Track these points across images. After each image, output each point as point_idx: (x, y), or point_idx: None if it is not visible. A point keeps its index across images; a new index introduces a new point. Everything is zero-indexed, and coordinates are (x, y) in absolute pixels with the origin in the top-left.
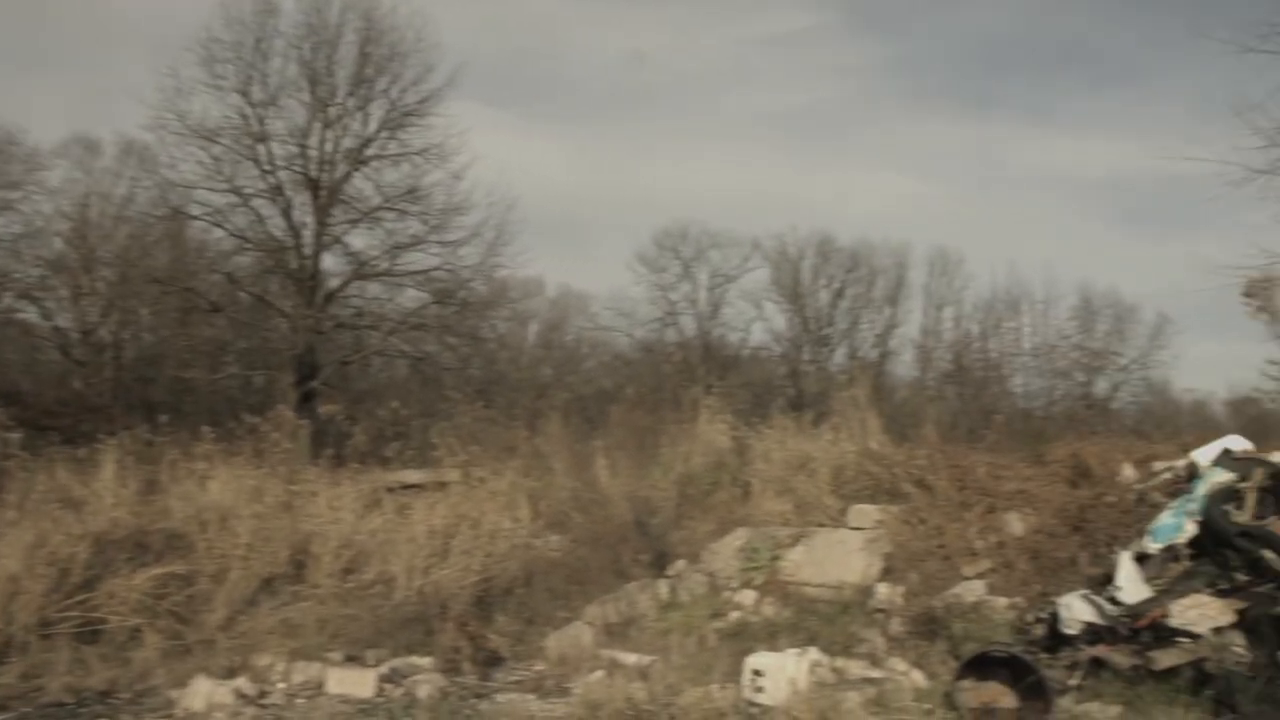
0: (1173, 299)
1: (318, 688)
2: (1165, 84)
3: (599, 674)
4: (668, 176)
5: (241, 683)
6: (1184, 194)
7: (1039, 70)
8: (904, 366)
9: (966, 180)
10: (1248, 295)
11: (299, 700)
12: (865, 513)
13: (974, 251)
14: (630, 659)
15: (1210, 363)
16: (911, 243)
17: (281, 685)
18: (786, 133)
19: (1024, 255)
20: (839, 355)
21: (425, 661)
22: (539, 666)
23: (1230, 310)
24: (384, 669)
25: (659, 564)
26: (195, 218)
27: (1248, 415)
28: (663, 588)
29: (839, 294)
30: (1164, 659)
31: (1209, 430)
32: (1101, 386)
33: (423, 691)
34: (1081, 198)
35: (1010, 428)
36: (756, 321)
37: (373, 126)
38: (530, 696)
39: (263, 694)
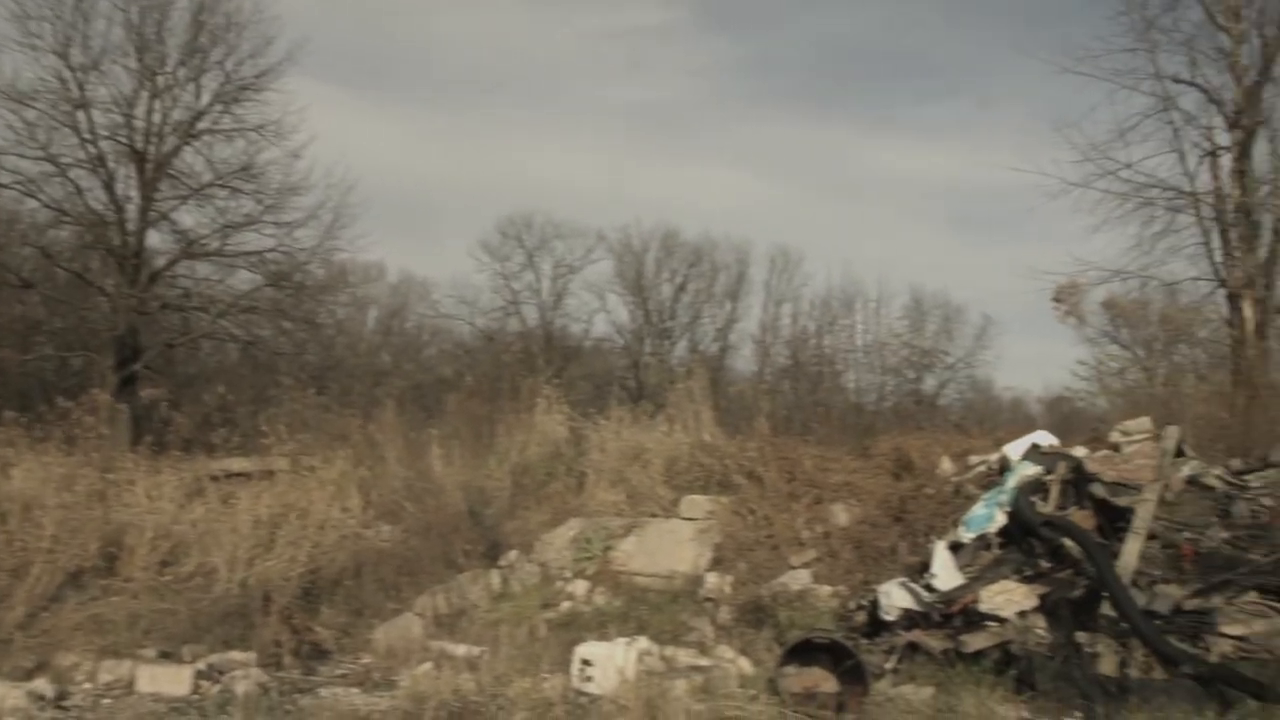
0: (997, 302)
1: (128, 687)
2: (998, 98)
3: (427, 666)
4: (515, 165)
5: (40, 684)
6: (1010, 203)
7: (882, 78)
8: (743, 361)
9: (808, 181)
10: (1057, 300)
11: (105, 701)
12: (697, 503)
13: (813, 250)
14: (460, 650)
15: (1029, 363)
16: (753, 240)
17: (87, 685)
18: (635, 127)
19: (859, 256)
20: (680, 348)
21: (246, 657)
22: (366, 659)
23: (1046, 314)
24: (201, 665)
25: (492, 554)
26: (5, 186)
27: (1060, 413)
28: (495, 578)
29: (681, 288)
30: (973, 642)
31: (1025, 426)
32: (929, 384)
33: (241, 688)
34: (917, 202)
35: (842, 422)
36: (599, 313)
37: (205, 99)
38: (355, 690)
39: (64, 695)
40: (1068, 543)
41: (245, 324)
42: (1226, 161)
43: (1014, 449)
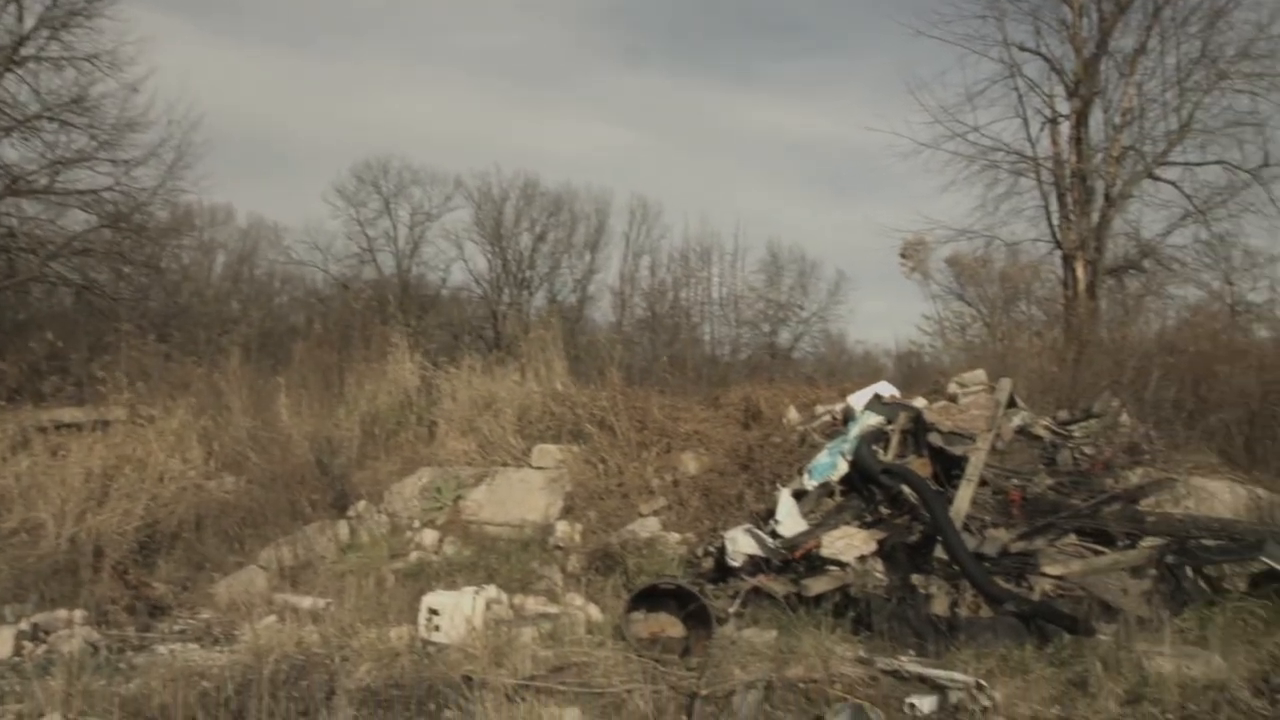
0: (851, 258)
1: None
2: (859, 58)
3: (270, 619)
4: (372, 108)
5: None
6: (866, 161)
7: (745, 33)
8: (602, 312)
9: (671, 134)
10: (904, 256)
11: None
12: (548, 452)
13: (672, 203)
14: (305, 602)
15: (881, 318)
16: (613, 191)
17: None
18: (497, 73)
19: (718, 209)
20: (539, 298)
21: (75, 615)
22: (206, 614)
23: (897, 270)
24: (24, 625)
25: (340, 505)
26: None
27: (909, 366)
28: (343, 529)
29: (540, 238)
30: (815, 586)
31: (874, 378)
32: (784, 337)
33: (67, 647)
34: (776, 158)
35: (696, 374)
36: (457, 262)
37: (29, 23)
38: (194, 646)
39: None
40: (906, 489)
41: (80, 267)
42: (1065, 129)
43: (857, 399)
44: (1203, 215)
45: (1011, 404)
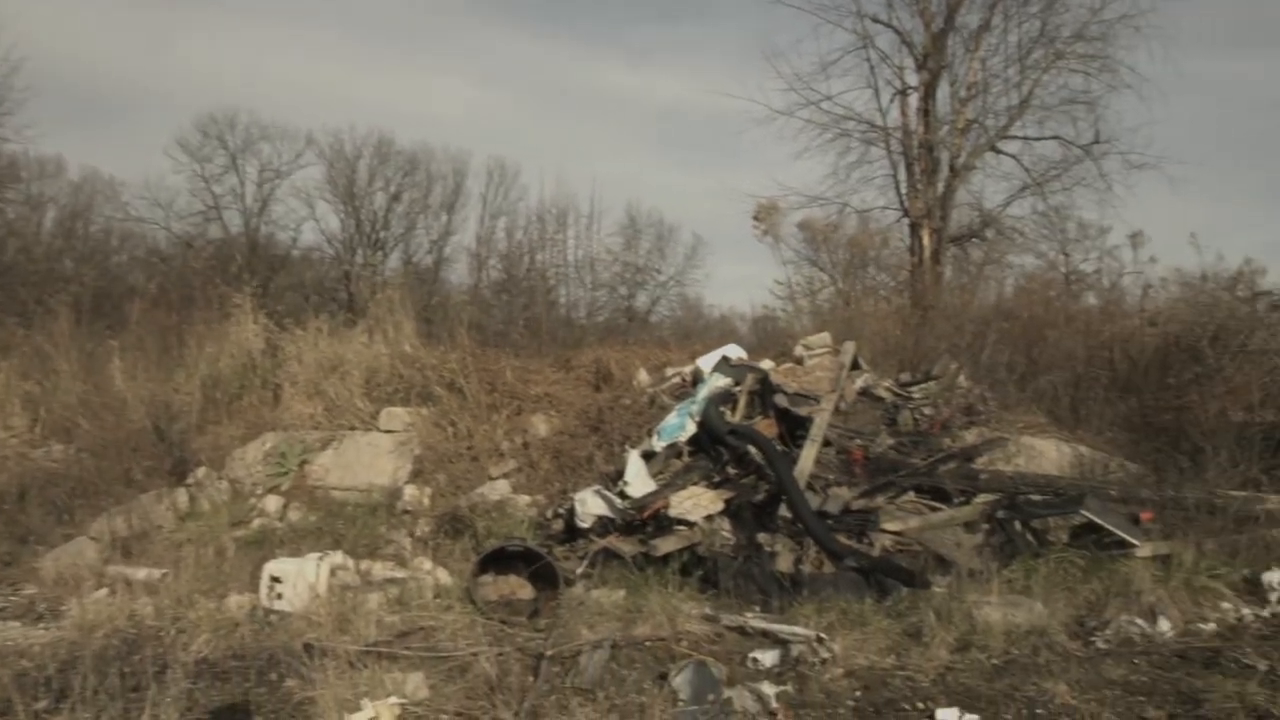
0: (708, 223)
1: None
2: (721, 25)
3: (101, 593)
4: (219, 59)
5: None
6: (724, 127)
7: None
8: (458, 275)
9: (531, 96)
10: (757, 219)
11: None
12: (396, 415)
13: (531, 164)
14: (140, 574)
15: (738, 282)
16: (471, 151)
17: None
18: (351, 27)
19: (578, 172)
20: (394, 260)
21: None
22: (31, 590)
23: (752, 235)
24: None
25: (178, 472)
26: None
27: (764, 330)
28: (181, 497)
29: (395, 197)
30: (663, 545)
31: (726, 341)
32: (642, 300)
33: None
34: (635, 121)
35: (551, 336)
36: (308, 221)
37: None
38: (15, 623)
39: None
40: (752, 450)
41: None
42: (914, 101)
43: (706, 362)
44: (1040, 188)
45: (855, 366)
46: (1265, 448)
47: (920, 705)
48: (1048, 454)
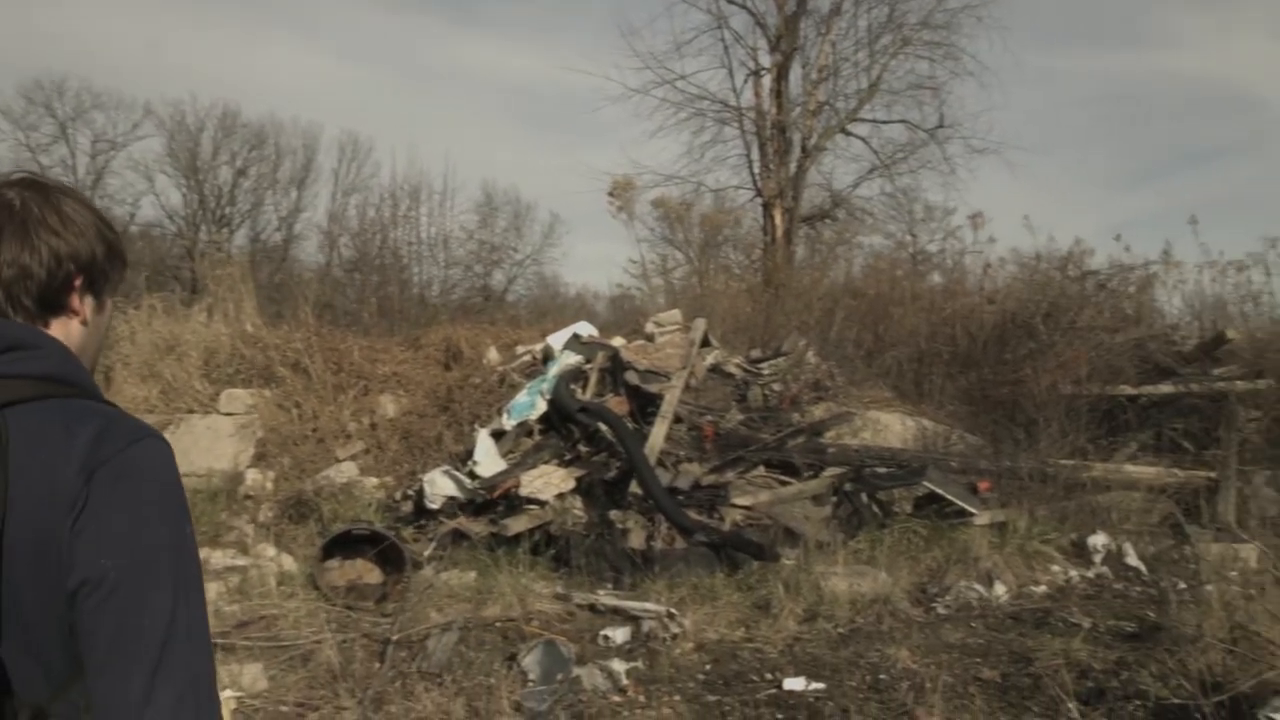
0: (566, 201)
1: None
2: (579, 1)
3: None
4: (44, 20)
5: None
6: (581, 104)
7: None
8: (309, 253)
9: (385, 69)
10: (611, 196)
11: None
12: (237, 397)
13: (385, 139)
14: None
15: (596, 261)
16: (322, 125)
17: None
18: None
19: (433, 149)
20: (240, 237)
21: None
22: None
23: (609, 213)
24: None
25: None
26: None
27: (622, 309)
28: None
29: (242, 172)
30: (515, 525)
31: (588, 320)
32: (498, 279)
33: None
34: (495, 100)
35: (403, 315)
36: (148, 195)
37: None
38: None
39: None
40: (603, 427)
41: None
42: (767, 82)
43: (557, 339)
44: (888, 169)
45: (706, 343)
46: (1091, 419)
47: (768, 676)
48: (892, 428)
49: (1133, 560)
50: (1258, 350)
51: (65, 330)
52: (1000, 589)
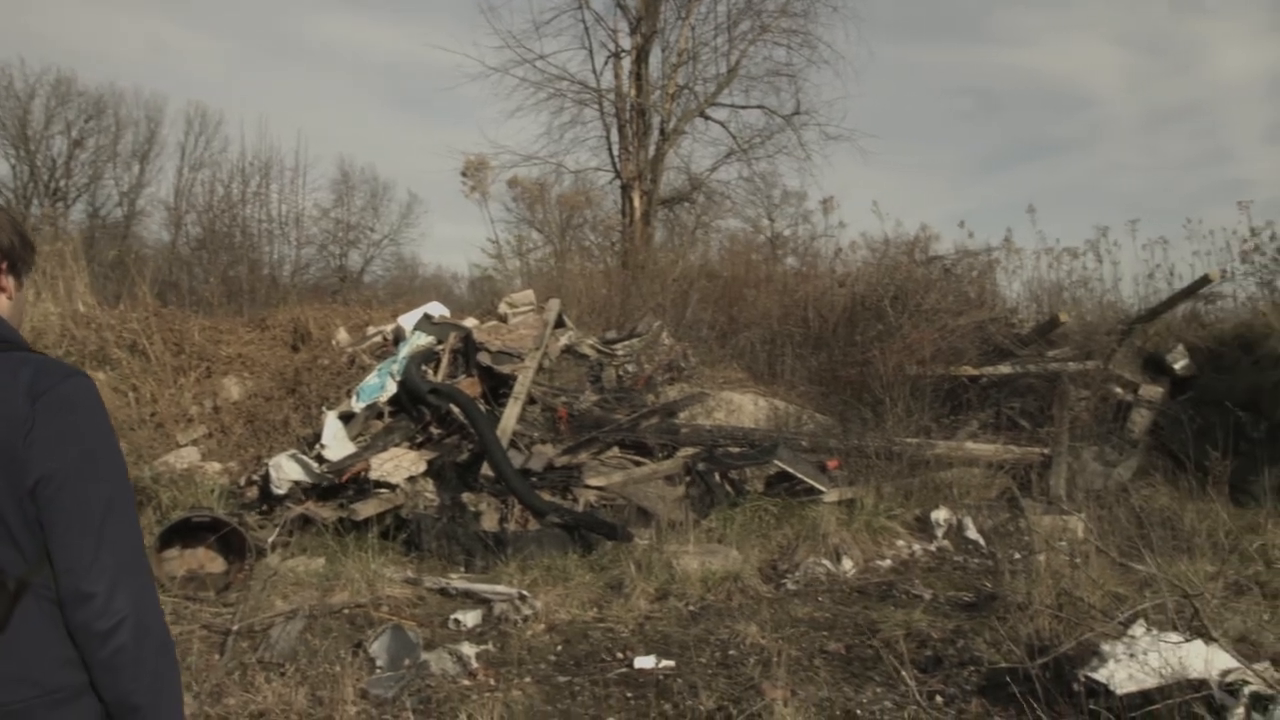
0: (425, 181)
1: None
2: None
3: None
4: None
5: None
6: (440, 83)
7: None
8: (153, 230)
9: (235, 40)
10: (465, 175)
11: None
12: None
13: (236, 114)
14: None
15: (456, 242)
16: (168, 96)
17: None
18: None
19: (287, 124)
20: (78, 211)
21: None
22: None
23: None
24: None
25: None
26: None
27: (482, 290)
28: None
29: (78, 143)
30: (364, 510)
31: (446, 302)
32: (354, 259)
33: None
34: (354, 76)
35: (252, 296)
36: None
37: None
38: None
39: None
40: (454, 409)
41: None
42: (627, 64)
43: (408, 320)
44: (745, 154)
45: (560, 324)
46: (935, 398)
47: (620, 655)
48: (745, 408)
49: (972, 533)
50: (1087, 333)
51: None
52: (847, 564)
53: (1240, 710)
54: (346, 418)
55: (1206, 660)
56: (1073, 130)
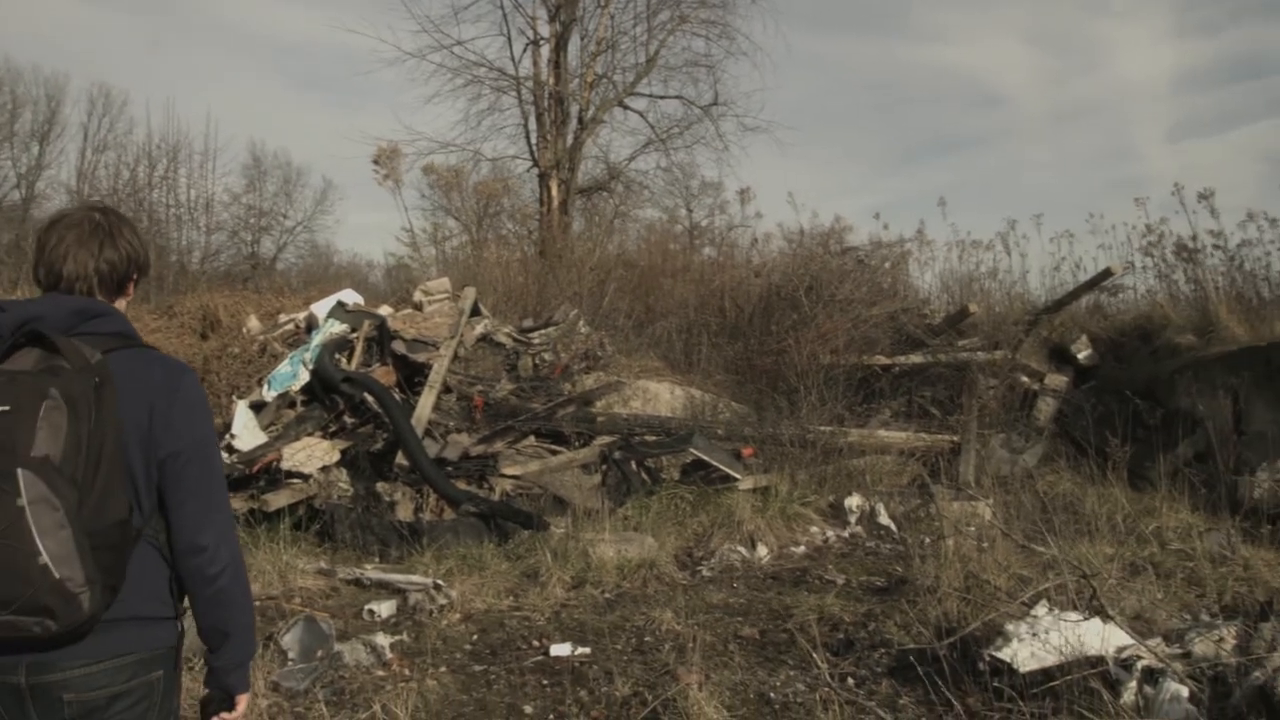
0: (341, 167)
1: None
2: None
3: None
4: None
5: None
6: (357, 67)
7: None
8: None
9: (142, 19)
10: (376, 163)
11: None
12: None
13: (142, 95)
14: None
15: (373, 229)
16: (69, 74)
17: None
18: None
19: (197, 107)
20: None
21: None
22: None
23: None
24: None
25: None
26: None
27: (399, 279)
28: None
29: None
30: (276, 500)
31: (362, 291)
32: (268, 246)
33: None
34: (268, 59)
35: (160, 283)
36: None
37: None
38: None
39: None
40: (368, 398)
41: None
42: (546, 52)
43: (321, 308)
44: (664, 144)
45: (476, 312)
46: (848, 387)
47: (536, 643)
48: (662, 397)
49: (884, 519)
50: (995, 323)
51: (123, 305)
52: (762, 550)
53: (1133, 684)
54: (257, 407)
55: (1103, 638)
56: (985, 126)
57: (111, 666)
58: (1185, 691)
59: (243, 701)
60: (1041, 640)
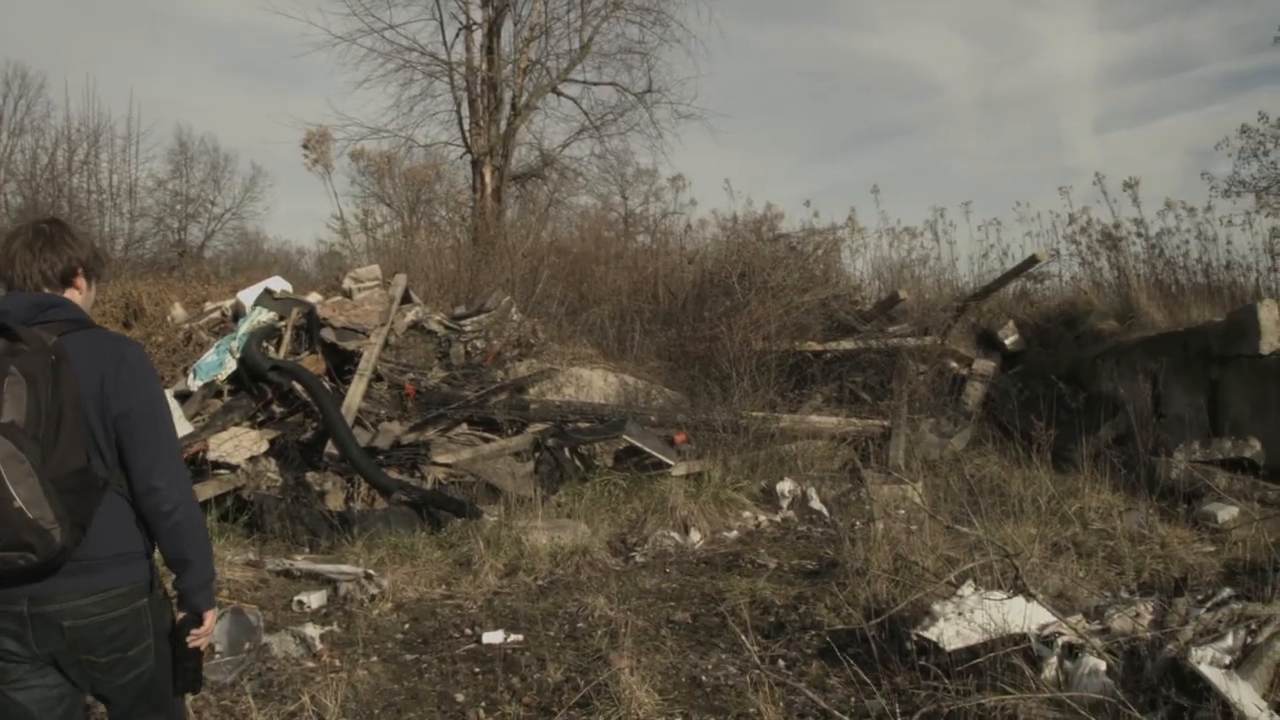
0: (272, 153)
1: None
2: None
3: None
4: None
5: None
6: (286, 50)
7: None
8: None
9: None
10: (306, 148)
11: None
12: None
13: (61, 76)
14: None
15: (304, 217)
16: None
17: None
18: None
19: (119, 90)
20: None
21: None
22: None
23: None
24: None
25: None
26: None
27: (331, 267)
28: None
29: None
30: (202, 491)
31: (295, 279)
32: (195, 233)
33: None
34: (193, 41)
35: None
36: None
37: None
38: None
39: None
40: (297, 386)
41: None
42: (479, 37)
43: (248, 295)
44: (598, 131)
45: (407, 300)
46: (780, 373)
47: (468, 631)
48: (595, 384)
49: (816, 504)
50: (925, 309)
51: (77, 295)
52: (695, 536)
53: (1054, 660)
54: (183, 397)
55: (1026, 615)
56: (916, 115)
57: (100, 599)
58: (1103, 665)
59: (210, 617)
60: (967, 619)
